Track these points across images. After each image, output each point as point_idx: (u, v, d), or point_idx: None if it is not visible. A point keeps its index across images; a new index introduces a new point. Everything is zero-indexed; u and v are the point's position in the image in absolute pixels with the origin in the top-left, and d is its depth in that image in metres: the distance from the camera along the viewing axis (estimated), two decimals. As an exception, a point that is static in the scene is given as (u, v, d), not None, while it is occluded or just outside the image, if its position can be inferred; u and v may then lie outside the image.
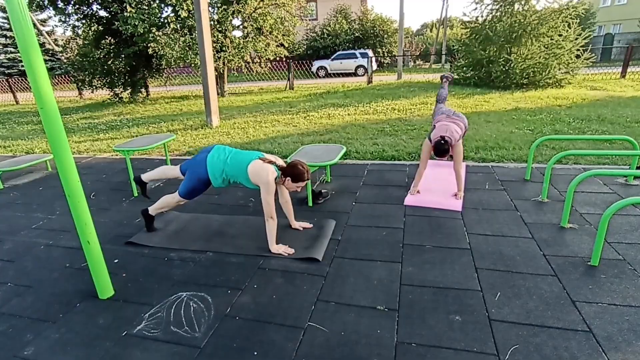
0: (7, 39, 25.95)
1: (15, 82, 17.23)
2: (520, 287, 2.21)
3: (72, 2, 11.22)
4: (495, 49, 11.25)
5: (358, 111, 8.52)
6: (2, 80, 17.85)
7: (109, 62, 12.30)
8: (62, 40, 19.46)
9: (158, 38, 10.15)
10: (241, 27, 12.44)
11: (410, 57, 27.35)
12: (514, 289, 2.20)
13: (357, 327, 1.96)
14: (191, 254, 2.80)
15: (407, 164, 4.66)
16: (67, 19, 11.91)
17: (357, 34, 24.37)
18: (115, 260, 2.75)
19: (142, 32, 10.02)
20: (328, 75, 20.94)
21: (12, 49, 25.92)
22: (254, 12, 11.84)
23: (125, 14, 9.95)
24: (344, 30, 23.74)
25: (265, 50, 12.43)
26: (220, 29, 11.17)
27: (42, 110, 1.87)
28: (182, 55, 10.56)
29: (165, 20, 10.61)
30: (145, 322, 2.08)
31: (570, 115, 6.92)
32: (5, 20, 25.59)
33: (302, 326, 1.99)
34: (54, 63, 22.73)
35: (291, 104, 10.26)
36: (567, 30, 10.74)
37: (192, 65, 11.60)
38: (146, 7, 10.30)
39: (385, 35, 24.45)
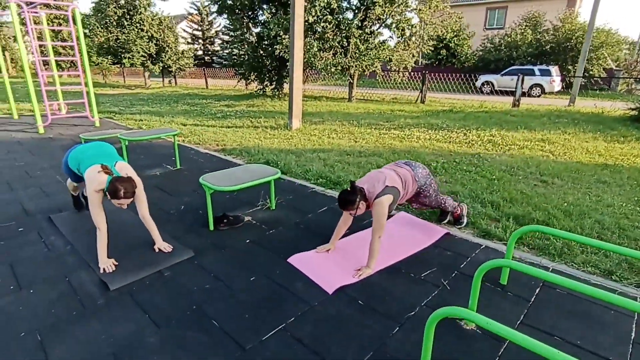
0: (230, 37, 32.91)
1: (208, 72, 21.67)
2: None
3: (240, 9, 13.17)
4: None
5: (446, 137, 7.13)
6: (213, 69, 22.70)
7: (258, 60, 13.97)
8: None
9: (284, 41, 10.90)
10: (376, 32, 12.09)
11: (626, 78, 21.01)
12: None
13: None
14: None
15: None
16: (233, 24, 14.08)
17: (546, 47, 20.29)
18: None
19: (273, 35, 10.96)
20: (494, 92, 18.24)
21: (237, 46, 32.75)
22: (384, 17, 11.30)
23: (262, 18, 11.04)
24: (528, 41, 20.15)
25: (392, 59, 11.74)
26: (345, 34, 11.12)
27: None
28: (307, 59, 11.03)
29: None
30: None
31: None
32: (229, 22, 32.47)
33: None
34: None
35: (390, 119, 9.44)
36: None
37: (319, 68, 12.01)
38: (282, 13, 11.15)
39: (590, 49, 19.44)
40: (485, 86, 19.28)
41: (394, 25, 11.88)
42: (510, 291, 2.41)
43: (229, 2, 13.27)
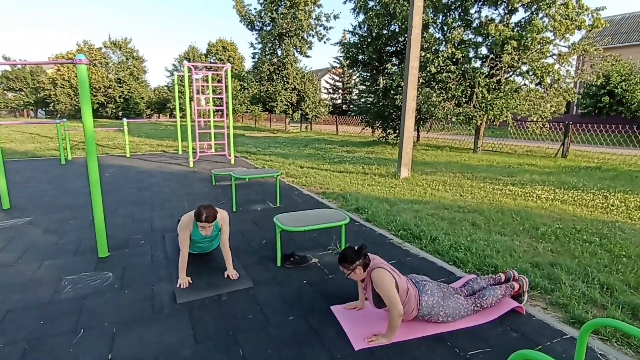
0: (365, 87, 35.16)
1: (339, 120, 23.30)
2: None
3: (369, 62, 14.14)
4: None
5: (576, 198, 6.04)
6: (335, 116, 24.56)
7: (383, 109, 14.49)
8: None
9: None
10: (507, 80, 11.28)
11: None
12: None
13: None
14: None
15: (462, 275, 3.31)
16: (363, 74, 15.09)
17: None
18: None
19: (395, 85, 11.30)
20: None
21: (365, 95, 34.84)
22: (517, 64, 10.49)
23: (387, 70, 11.55)
24: None
25: (521, 108, 10.67)
26: (470, 83, 10.68)
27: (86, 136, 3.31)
28: (426, 109, 10.98)
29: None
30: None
31: None
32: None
33: None
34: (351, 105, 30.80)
35: (512, 174, 8.48)
36: None
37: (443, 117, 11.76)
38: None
39: None
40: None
41: (530, 72, 10.96)
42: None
43: (360, 57, 14.37)
